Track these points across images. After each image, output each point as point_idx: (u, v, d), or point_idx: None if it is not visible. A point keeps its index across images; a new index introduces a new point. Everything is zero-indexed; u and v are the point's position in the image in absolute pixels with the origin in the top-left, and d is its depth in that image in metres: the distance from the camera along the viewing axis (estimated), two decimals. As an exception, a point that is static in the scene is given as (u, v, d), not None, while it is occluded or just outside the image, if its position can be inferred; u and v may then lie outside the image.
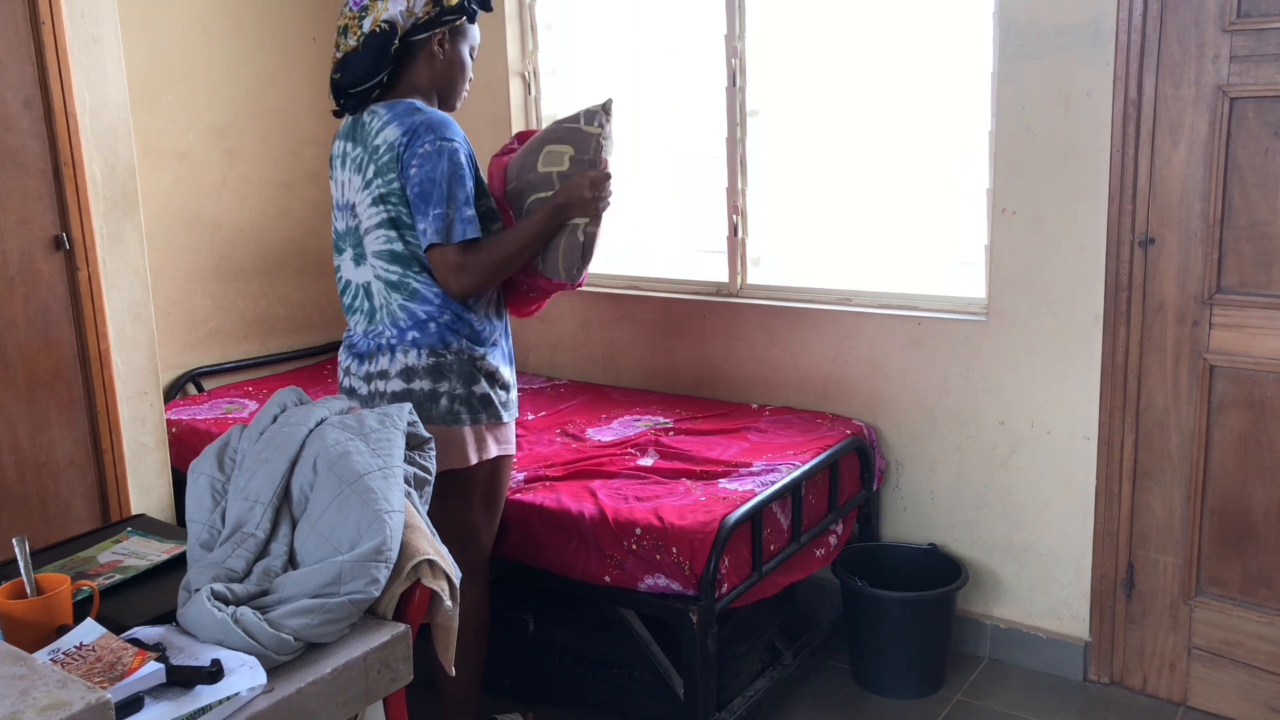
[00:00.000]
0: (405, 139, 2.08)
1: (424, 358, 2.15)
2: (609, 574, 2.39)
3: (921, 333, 2.89)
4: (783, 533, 2.60)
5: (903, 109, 2.99)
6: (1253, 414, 2.47)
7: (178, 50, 3.29)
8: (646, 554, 2.35)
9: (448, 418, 2.15)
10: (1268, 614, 2.53)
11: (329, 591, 1.49)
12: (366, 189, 2.13)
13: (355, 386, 2.24)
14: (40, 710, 1.12)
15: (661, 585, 2.34)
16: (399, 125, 2.09)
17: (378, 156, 2.11)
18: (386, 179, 2.10)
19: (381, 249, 2.15)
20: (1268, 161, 2.36)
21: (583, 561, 2.43)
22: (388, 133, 2.10)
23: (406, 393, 2.15)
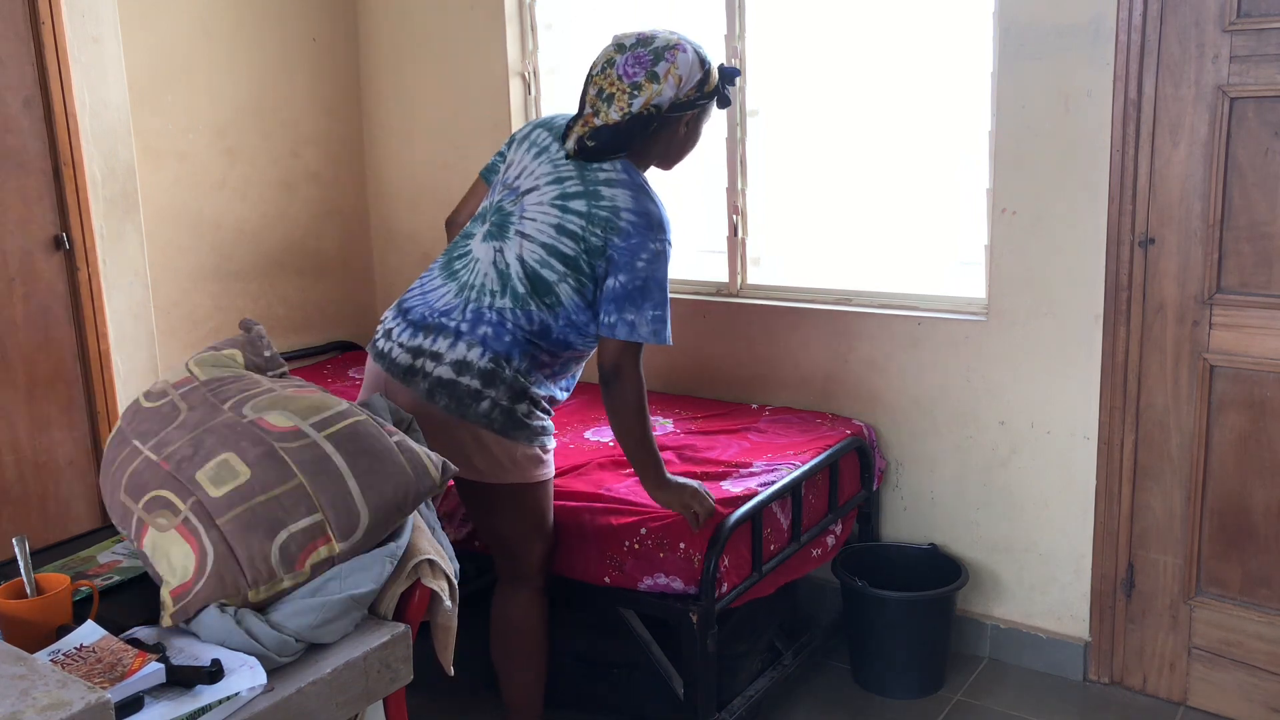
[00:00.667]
0: (635, 222, 2.10)
1: (484, 359, 2.12)
2: (609, 575, 2.39)
3: (921, 333, 2.89)
4: (782, 533, 2.60)
5: (903, 109, 2.99)
6: (1253, 414, 2.47)
7: (178, 50, 3.29)
8: (649, 553, 2.35)
9: (482, 420, 2.12)
10: (1268, 614, 2.53)
11: (328, 588, 1.50)
12: (560, 211, 2.13)
13: (394, 354, 2.17)
14: (40, 710, 1.12)
15: (662, 584, 2.34)
16: (634, 199, 2.12)
17: (597, 202, 2.12)
18: (592, 229, 2.10)
19: (531, 261, 2.13)
20: (1268, 161, 2.36)
21: (582, 563, 2.43)
22: (619, 194, 2.12)
23: (452, 383, 2.12)
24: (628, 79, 2.13)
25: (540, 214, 2.14)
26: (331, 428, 1.59)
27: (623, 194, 2.12)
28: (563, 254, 2.11)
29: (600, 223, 2.10)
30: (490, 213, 2.22)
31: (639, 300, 2.10)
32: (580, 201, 2.12)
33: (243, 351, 1.85)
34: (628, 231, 2.10)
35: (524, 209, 2.16)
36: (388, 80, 3.82)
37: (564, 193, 2.14)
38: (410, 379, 2.14)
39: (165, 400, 1.73)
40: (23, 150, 2.66)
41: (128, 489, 1.60)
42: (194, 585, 1.47)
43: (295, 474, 1.52)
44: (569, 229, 2.11)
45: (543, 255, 2.12)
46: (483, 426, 2.13)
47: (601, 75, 2.16)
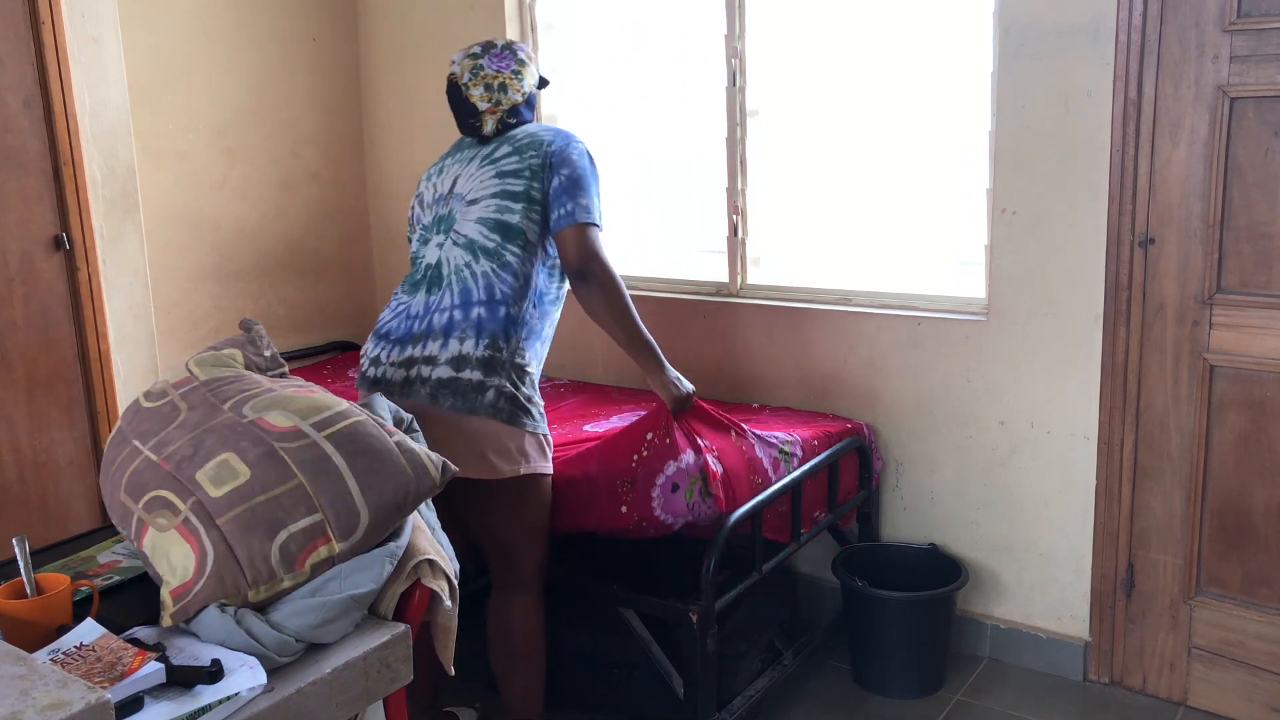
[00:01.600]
0: (555, 136, 2.29)
1: (481, 348, 2.16)
2: (624, 503, 2.36)
3: (921, 333, 2.89)
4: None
5: (903, 109, 2.99)
6: (1253, 414, 2.47)
7: (178, 50, 3.29)
8: (657, 455, 2.34)
9: (490, 410, 2.15)
10: (1268, 614, 2.53)
11: (328, 588, 1.50)
12: (491, 164, 2.26)
13: (387, 374, 2.21)
14: (40, 710, 1.12)
15: (674, 473, 2.34)
16: (539, 127, 2.34)
17: (513, 140, 2.30)
18: (525, 155, 2.25)
19: (488, 216, 2.23)
20: (1268, 161, 2.36)
21: (598, 509, 2.38)
22: (528, 128, 2.34)
23: (453, 380, 2.14)
24: (506, 69, 2.34)
25: (478, 183, 2.27)
26: (331, 428, 1.59)
27: (534, 128, 2.34)
28: (513, 192, 2.23)
29: (528, 147, 2.27)
30: (431, 229, 2.33)
31: (585, 185, 2.24)
32: (503, 148, 2.29)
33: (243, 351, 1.85)
34: (554, 141, 2.27)
35: (460, 196, 2.28)
36: (388, 80, 3.82)
37: (489, 157, 2.29)
38: (409, 389, 2.17)
39: (165, 400, 1.73)
40: (23, 150, 2.66)
41: (128, 489, 1.60)
42: (194, 585, 1.47)
43: (295, 474, 1.52)
44: (508, 170, 2.25)
45: (497, 204, 2.23)
46: (491, 417, 2.15)
47: (475, 79, 2.34)
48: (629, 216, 3.56)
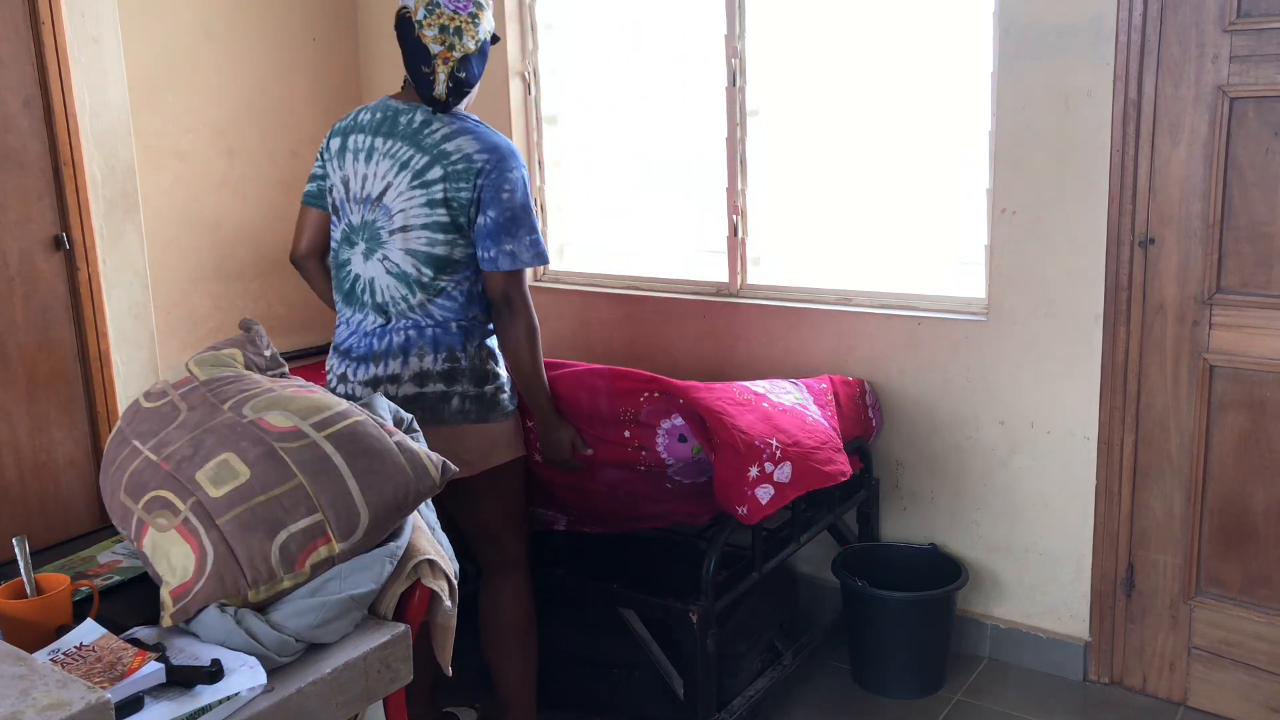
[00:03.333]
0: (489, 159, 2.15)
1: (440, 362, 2.18)
2: (627, 429, 2.36)
3: (921, 333, 2.89)
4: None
5: (903, 109, 2.99)
6: (1253, 414, 2.47)
7: (178, 50, 3.29)
8: (667, 405, 2.35)
9: (458, 417, 2.19)
10: (1268, 614, 2.53)
11: (328, 588, 1.50)
12: (423, 189, 2.15)
13: (355, 394, 2.23)
14: (40, 710, 1.12)
15: (679, 426, 2.34)
16: (476, 141, 2.16)
17: (448, 162, 2.14)
18: (456, 186, 2.13)
19: (421, 250, 2.17)
20: (1268, 161, 2.36)
21: (600, 425, 2.38)
22: (463, 143, 2.15)
23: (419, 396, 2.18)
24: (464, 10, 2.17)
25: (406, 203, 2.17)
26: (331, 428, 1.59)
27: (464, 140, 2.16)
28: (443, 224, 2.16)
29: (459, 176, 2.14)
30: (358, 232, 2.24)
31: (513, 229, 2.15)
32: (434, 169, 2.15)
33: (243, 351, 1.85)
34: (485, 170, 2.14)
35: (387, 209, 2.19)
36: (388, 80, 3.81)
37: (415, 171, 2.16)
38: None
39: (165, 400, 1.73)
40: (23, 150, 2.66)
41: (128, 489, 1.60)
42: (194, 585, 1.47)
43: (295, 474, 1.52)
44: (437, 199, 2.15)
45: (428, 236, 2.16)
46: (460, 423, 2.20)
47: (431, 17, 2.16)
48: (629, 217, 3.57)
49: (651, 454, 2.34)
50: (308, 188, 2.38)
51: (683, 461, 2.35)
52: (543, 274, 3.64)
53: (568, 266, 3.62)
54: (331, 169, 2.29)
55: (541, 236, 2.22)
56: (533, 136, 3.59)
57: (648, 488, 2.45)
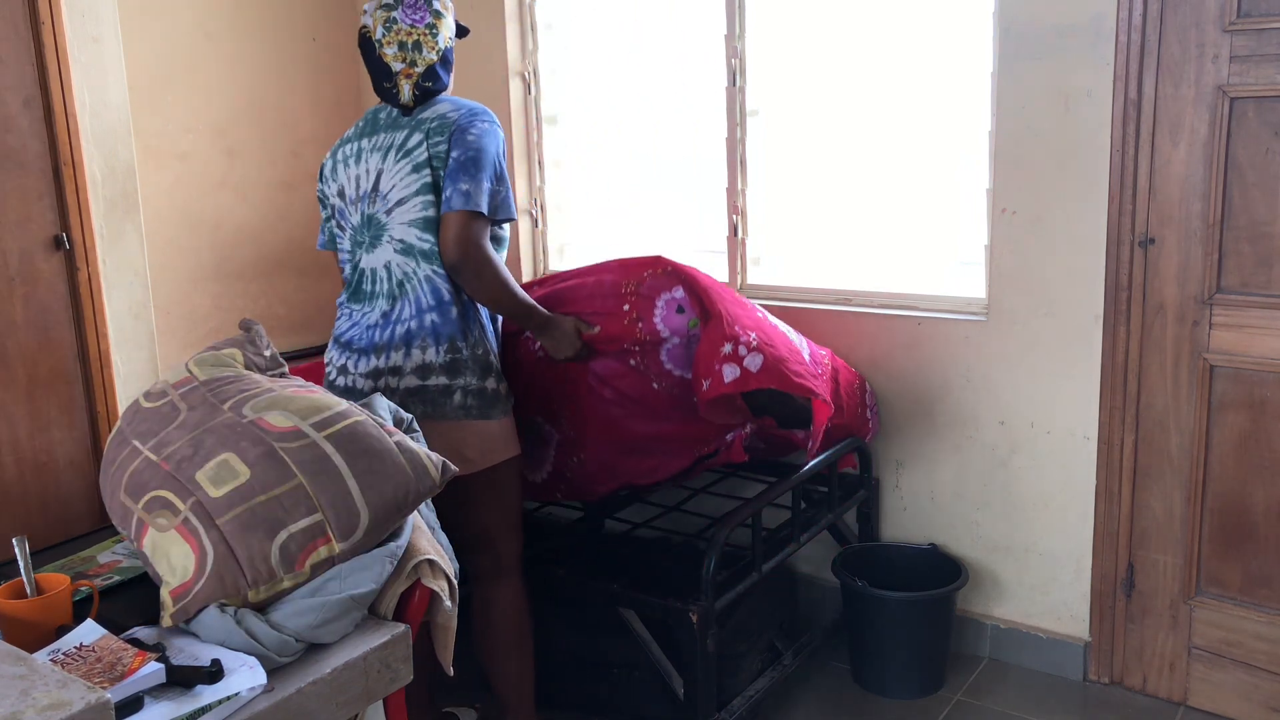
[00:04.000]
0: (462, 113, 2.19)
1: (441, 354, 2.18)
2: (627, 303, 2.36)
3: (921, 333, 2.89)
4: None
5: (903, 109, 2.99)
6: (1253, 414, 2.47)
7: (178, 50, 3.29)
8: (670, 280, 2.37)
9: (460, 412, 2.19)
10: (1268, 614, 2.53)
11: (328, 588, 1.50)
12: (406, 157, 2.18)
13: (355, 385, 2.23)
14: (40, 710, 1.12)
15: (679, 298, 2.35)
16: (450, 103, 2.23)
17: (425, 124, 2.19)
18: (434, 142, 2.17)
19: (417, 217, 2.18)
20: (1268, 161, 2.36)
21: (601, 302, 2.38)
22: (439, 107, 2.22)
23: (421, 389, 2.18)
24: (420, 23, 2.22)
25: (396, 178, 2.20)
26: (331, 428, 1.59)
27: (440, 105, 2.23)
28: (429, 184, 2.17)
29: (435, 132, 2.18)
30: (361, 231, 2.27)
31: (472, 170, 2.13)
32: (415, 136, 2.19)
33: (243, 351, 1.85)
34: (456, 121, 2.18)
35: (383, 194, 2.22)
36: (388, 80, 3.81)
37: (398, 146, 2.21)
38: None
39: (165, 400, 1.73)
40: (23, 150, 2.66)
41: (128, 489, 1.60)
42: (194, 585, 1.47)
43: (295, 474, 1.52)
44: (421, 161, 2.17)
45: (421, 201, 2.17)
46: (462, 418, 2.19)
47: (389, 35, 2.21)
48: (629, 217, 3.56)
49: (648, 326, 2.34)
50: (321, 238, 2.45)
51: (678, 336, 2.35)
52: (543, 275, 3.65)
53: (568, 267, 3.62)
54: (329, 190, 2.35)
55: (510, 193, 2.19)
56: (533, 136, 3.59)
57: (635, 386, 2.40)
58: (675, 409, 2.43)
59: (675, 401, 2.42)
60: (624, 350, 2.37)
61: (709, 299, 2.34)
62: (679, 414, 2.43)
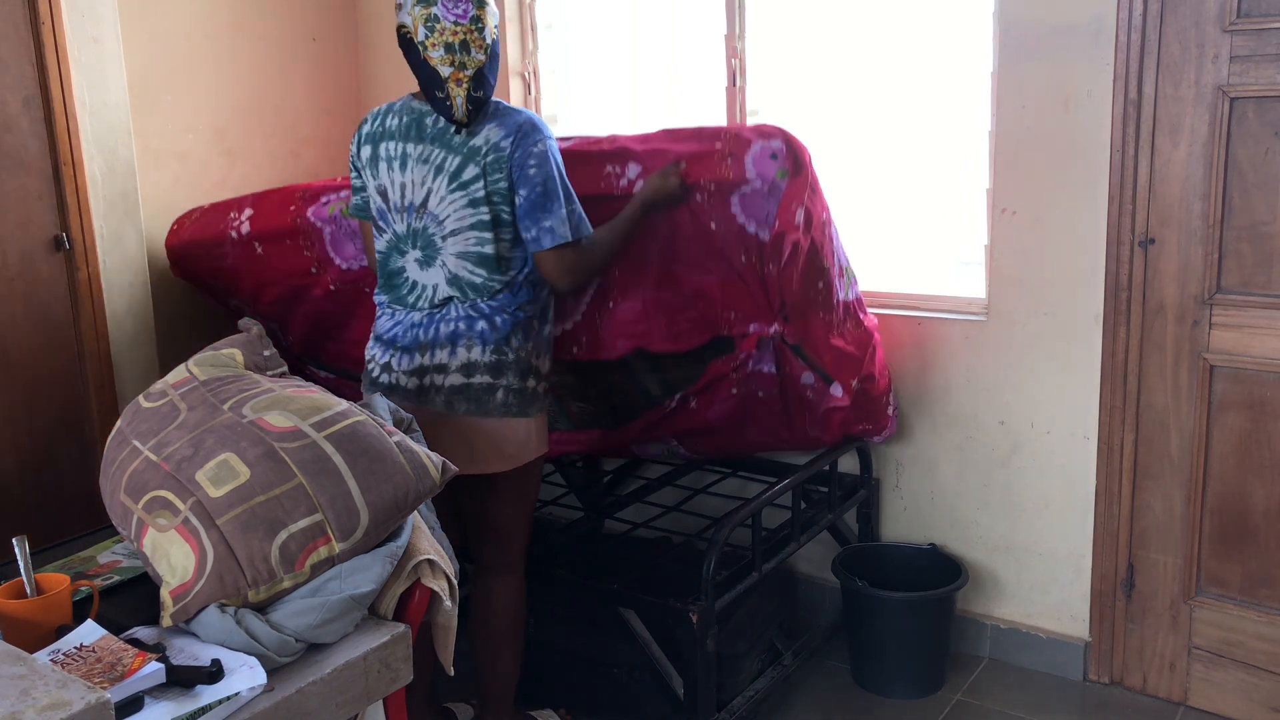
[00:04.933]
0: (511, 139, 2.11)
1: (487, 354, 2.17)
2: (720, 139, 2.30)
3: (921, 333, 2.89)
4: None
5: (902, 109, 2.99)
6: (1253, 414, 2.47)
7: (178, 50, 3.29)
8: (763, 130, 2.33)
9: (501, 409, 2.18)
10: (1268, 614, 2.53)
11: (328, 588, 1.50)
12: (461, 190, 2.14)
13: (398, 383, 2.21)
14: (40, 710, 1.12)
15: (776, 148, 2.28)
16: (500, 125, 2.13)
17: (480, 157, 2.12)
18: (493, 179, 2.12)
19: (470, 250, 2.16)
20: (1268, 161, 2.36)
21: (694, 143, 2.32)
22: (489, 132, 2.13)
23: (465, 386, 2.17)
24: (464, 18, 2.10)
25: (450, 208, 2.16)
26: (331, 428, 1.59)
27: (490, 129, 2.13)
28: (485, 222, 2.14)
29: (492, 167, 2.12)
30: (406, 240, 2.22)
31: (546, 204, 2.11)
32: (469, 168, 2.13)
33: (242, 351, 1.85)
34: (510, 152, 2.11)
35: (436, 217, 2.17)
36: (388, 80, 3.81)
37: (451, 174, 2.15)
38: (423, 398, 2.19)
39: (165, 400, 1.73)
40: (23, 150, 2.66)
41: (128, 489, 1.60)
42: (194, 585, 1.47)
43: (295, 474, 1.52)
44: (478, 198, 2.13)
45: (476, 236, 2.15)
46: (504, 415, 2.19)
47: (434, 37, 2.10)
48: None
49: (737, 164, 2.26)
50: (354, 201, 2.36)
51: (761, 181, 2.26)
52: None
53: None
54: (367, 178, 2.28)
55: (580, 209, 2.16)
56: (533, 136, 3.59)
57: (692, 223, 2.33)
58: (719, 262, 2.37)
59: (721, 253, 2.36)
60: (697, 185, 2.30)
61: (805, 155, 2.31)
62: (719, 270, 2.38)
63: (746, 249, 2.32)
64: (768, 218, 2.28)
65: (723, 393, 2.54)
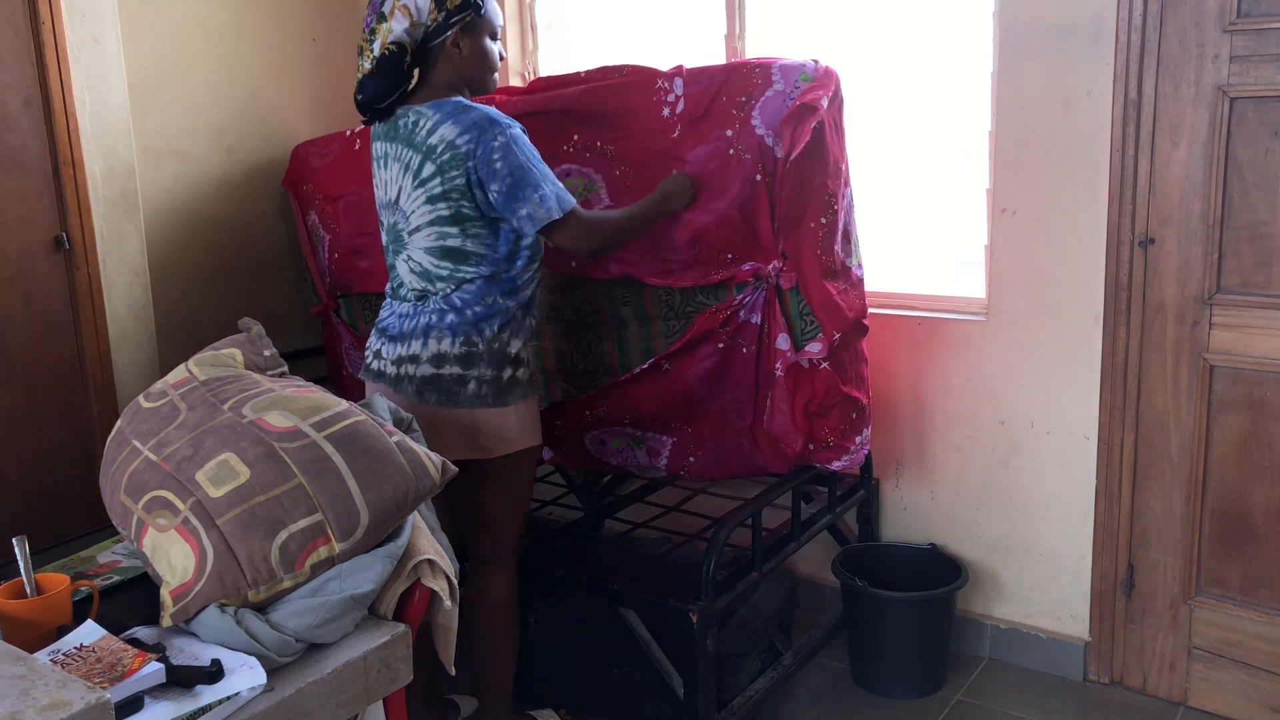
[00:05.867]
0: (470, 138, 2.13)
1: (457, 345, 2.20)
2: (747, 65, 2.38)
3: (921, 333, 2.89)
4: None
5: (902, 109, 2.99)
6: (1253, 414, 2.47)
7: (178, 50, 3.29)
8: None
9: (475, 401, 2.21)
10: (1268, 614, 2.53)
11: (328, 588, 1.50)
12: (421, 187, 2.18)
13: (384, 370, 2.27)
14: (40, 710, 1.12)
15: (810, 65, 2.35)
16: (455, 124, 2.15)
17: (435, 155, 2.16)
18: (448, 176, 2.15)
19: (433, 245, 2.20)
20: (1268, 161, 2.36)
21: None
22: (444, 131, 2.15)
23: (436, 377, 2.20)
24: (366, 29, 2.21)
25: (413, 204, 2.22)
26: (331, 428, 1.59)
27: (445, 129, 2.15)
28: (444, 218, 2.18)
29: (449, 165, 2.15)
30: (389, 235, 2.32)
31: (519, 192, 2.13)
32: (427, 165, 2.17)
33: (242, 351, 1.86)
34: (470, 151, 2.13)
35: (403, 212, 2.25)
36: (388, 80, 3.81)
37: (414, 172, 2.20)
38: (400, 385, 2.24)
39: (165, 400, 1.73)
40: (23, 150, 2.66)
41: (128, 489, 1.60)
42: (194, 585, 1.47)
43: (295, 474, 1.52)
44: (437, 194, 2.17)
45: (436, 231, 2.19)
46: (476, 407, 2.21)
47: (359, 39, 2.25)
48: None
49: (765, 73, 2.34)
50: None
51: (784, 84, 2.32)
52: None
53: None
54: (375, 175, 2.38)
55: (555, 183, 2.16)
56: (533, 136, 3.59)
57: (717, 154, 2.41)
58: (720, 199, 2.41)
59: (726, 188, 2.40)
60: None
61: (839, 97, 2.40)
62: (719, 207, 2.41)
63: (764, 165, 2.36)
64: (783, 113, 2.32)
65: (707, 349, 2.50)
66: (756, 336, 2.47)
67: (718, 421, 2.58)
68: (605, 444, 2.75)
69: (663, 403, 2.60)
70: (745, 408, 2.54)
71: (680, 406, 2.60)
